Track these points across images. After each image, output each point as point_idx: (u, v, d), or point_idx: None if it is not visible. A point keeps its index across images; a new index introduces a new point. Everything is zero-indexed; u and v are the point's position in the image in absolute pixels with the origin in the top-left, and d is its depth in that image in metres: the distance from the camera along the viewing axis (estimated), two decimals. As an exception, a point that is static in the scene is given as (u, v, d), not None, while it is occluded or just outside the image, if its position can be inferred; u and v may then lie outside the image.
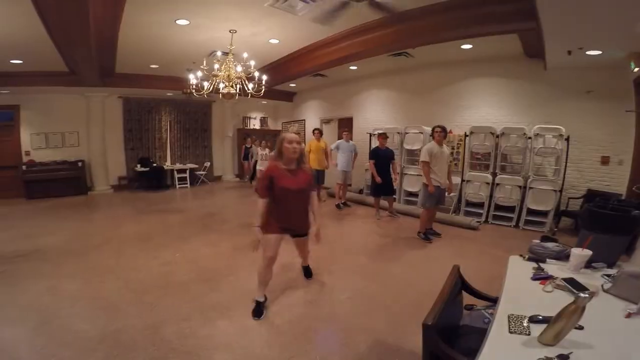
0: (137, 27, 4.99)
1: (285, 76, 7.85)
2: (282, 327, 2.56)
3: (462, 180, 6.17)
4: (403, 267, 3.81)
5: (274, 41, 6.05)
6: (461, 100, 6.76)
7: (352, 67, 7.54)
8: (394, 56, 6.48)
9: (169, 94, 9.64)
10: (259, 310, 2.71)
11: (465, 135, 6.27)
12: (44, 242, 4.55)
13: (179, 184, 9.92)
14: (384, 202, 6.18)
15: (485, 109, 6.46)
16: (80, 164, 8.77)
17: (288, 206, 2.69)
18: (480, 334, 1.31)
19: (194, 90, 5.50)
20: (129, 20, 4.65)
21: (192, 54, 6.38)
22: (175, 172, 9.94)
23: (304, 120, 11.15)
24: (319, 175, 7.10)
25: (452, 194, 5.92)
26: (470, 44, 5.57)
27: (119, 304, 2.86)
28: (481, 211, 5.80)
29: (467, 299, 1.85)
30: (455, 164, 6.56)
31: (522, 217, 5.43)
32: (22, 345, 2.27)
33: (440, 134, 4.58)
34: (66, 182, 8.45)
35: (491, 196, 5.74)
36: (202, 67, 5.13)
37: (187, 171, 10.08)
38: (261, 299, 2.79)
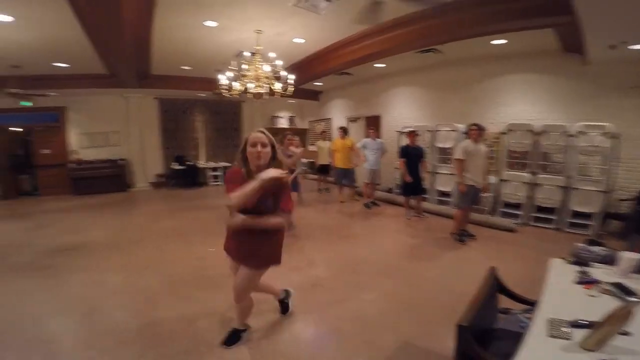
0: (168, 30, 5.18)
1: (310, 75, 7.86)
2: (308, 325, 2.58)
3: (499, 180, 5.92)
4: (434, 268, 3.71)
5: (299, 40, 6.07)
6: (495, 96, 6.46)
7: (378, 65, 7.42)
8: (421, 52, 6.30)
9: (201, 94, 9.97)
10: (230, 337, 2.32)
11: (502, 133, 6.00)
12: (90, 237, 4.86)
13: (212, 182, 10.26)
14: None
15: (521, 105, 6.14)
16: (121, 162, 9.30)
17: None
18: (515, 338, 1.28)
19: (224, 91, 5.65)
20: (161, 23, 4.85)
21: (221, 54, 6.55)
22: (208, 170, 10.29)
23: (330, 118, 11.14)
24: (347, 175, 7.12)
25: (487, 194, 5.70)
26: (502, 39, 5.31)
27: (157, 297, 3.00)
28: (519, 212, 5.53)
29: (503, 302, 1.78)
30: (491, 163, 6.30)
31: (565, 219, 5.12)
32: (66, 335, 2.42)
33: (476, 131, 4.41)
34: (109, 179, 8.99)
35: (530, 197, 5.46)
36: (230, 67, 5.26)
37: (220, 169, 10.39)
38: (238, 327, 2.37)
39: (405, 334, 2.45)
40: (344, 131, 7.05)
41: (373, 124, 8.35)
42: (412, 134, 5.77)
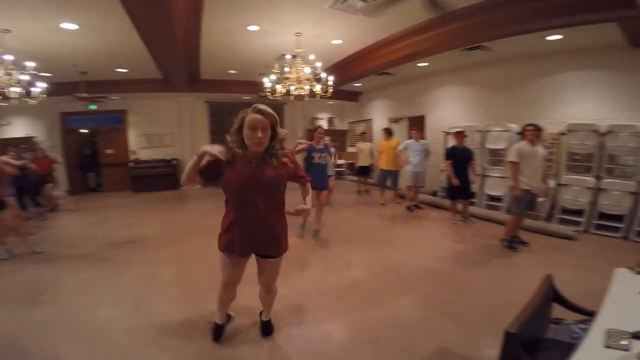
0: (214, 35, 5.42)
1: (349, 76, 7.81)
2: (343, 325, 2.55)
3: (558, 185, 5.44)
4: (480, 275, 3.49)
5: (337, 42, 6.07)
6: (553, 95, 5.93)
7: (421, 64, 7.18)
8: (467, 50, 5.99)
9: (246, 97, 10.34)
10: (216, 333, 2.28)
11: (561, 134, 5.52)
12: (145, 231, 5.24)
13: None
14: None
15: (583, 104, 5.57)
16: (174, 162, 9.94)
17: (242, 212, 1.92)
18: (565, 349, 1.22)
19: (268, 93, 5.80)
20: (208, 29, 5.09)
21: (263, 58, 6.74)
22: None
23: (371, 119, 10.98)
24: (391, 177, 6.99)
25: (543, 199, 5.28)
26: (559, 34, 4.89)
27: (203, 291, 3.12)
28: (580, 219, 5.04)
29: (556, 312, 1.65)
30: (549, 166, 5.82)
31: (634, 228, 4.58)
32: (116, 326, 2.58)
33: (533, 132, 4.09)
34: (163, 178, 9.66)
35: (593, 203, 4.96)
36: (273, 70, 5.38)
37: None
38: (220, 322, 2.30)
39: (443, 340, 2.33)
40: (389, 132, 6.97)
41: (417, 125, 8.09)
42: (460, 135, 5.49)
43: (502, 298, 2.87)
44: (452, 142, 5.88)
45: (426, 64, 7.18)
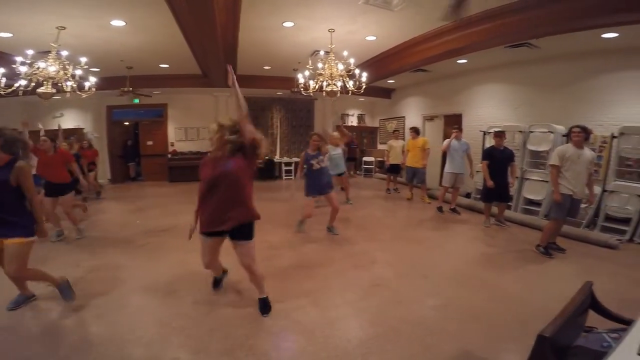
0: (251, 31, 5.55)
1: (383, 72, 7.70)
2: (365, 322, 2.55)
3: (603, 191, 5.08)
4: (512, 280, 3.34)
5: (371, 38, 6.00)
6: (604, 95, 5.49)
7: (460, 61, 6.93)
8: (512, 47, 5.69)
9: (278, 93, 10.50)
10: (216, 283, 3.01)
11: (612, 137, 5.12)
12: (179, 220, 5.46)
13: (285, 176, 10.76)
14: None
15: (638, 106, 5.13)
16: (209, 154, 10.32)
17: (207, 199, 2.42)
18: (593, 357, 1.20)
19: (302, 89, 5.85)
20: (245, 25, 5.22)
21: (297, 54, 6.81)
22: (283, 165, 10.81)
23: (404, 117, 10.75)
24: (415, 174, 7.04)
25: (586, 206, 4.95)
26: (614, 32, 4.53)
27: (228, 282, 3.23)
28: (625, 228, 4.68)
29: (591, 320, 1.58)
30: (596, 171, 5.44)
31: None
32: (147, 312, 2.71)
33: (580, 134, 3.83)
34: (197, 169, 10.03)
35: (644, 211, 4.58)
36: (308, 66, 5.42)
37: (293, 164, 10.84)
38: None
39: (468, 343, 2.26)
40: (416, 131, 7.20)
41: (454, 123, 7.82)
42: (498, 135, 5.23)
43: (532, 305, 2.75)
44: (490, 142, 5.63)
45: (464, 60, 6.92)
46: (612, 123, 5.30)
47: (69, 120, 9.87)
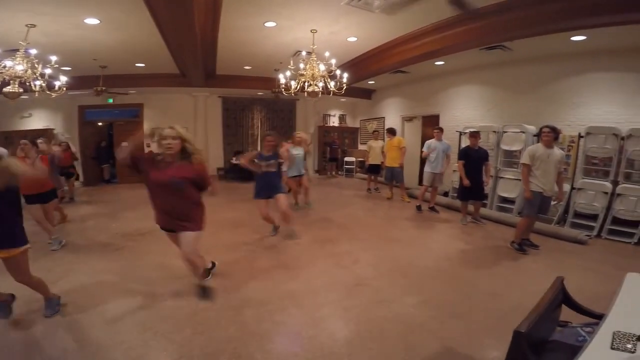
0: (232, 31, 5.48)
1: (364, 73, 7.79)
2: (349, 322, 2.58)
3: (572, 188, 5.33)
4: (488, 276, 3.47)
5: (352, 39, 6.06)
6: (573, 96, 5.78)
7: (438, 63, 7.10)
8: (487, 50, 5.89)
9: (259, 93, 10.41)
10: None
11: (580, 137, 5.39)
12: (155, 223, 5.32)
13: (266, 177, 10.66)
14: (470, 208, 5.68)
15: (605, 107, 5.40)
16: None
17: (157, 201, 2.65)
18: (570, 352, 1.25)
19: (282, 90, 5.82)
20: (226, 25, 5.15)
21: (279, 54, 6.78)
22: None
23: (384, 117, 10.92)
24: (395, 174, 7.20)
25: (555, 203, 5.19)
26: (583, 35, 4.77)
27: (211, 284, 3.18)
28: (593, 224, 4.94)
29: (564, 314, 1.65)
30: (565, 169, 5.70)
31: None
32: (127, 317, 2.62)
33: (549, 134, 4.01)
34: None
35: (609, 207, 4.85)
36: (289, 67, 5.41)
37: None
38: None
39: (449, 340, 2.33)
40: (392, 132, 7.46)
41: (432, 124, 8.02)
42: (473, 135, 5.40)
43: (509, 300, 2.86)
44: (466, 142, 5.80)
45: (442, 62, 7.10)
46: (580, 123, 5.57)
47: (38, 121, 9.42)
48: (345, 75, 5.52)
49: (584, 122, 5.50)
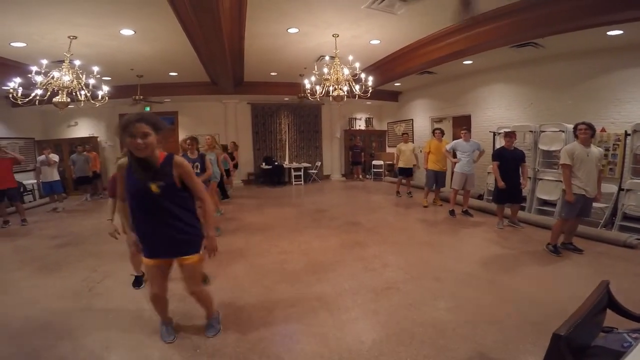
0: (257, 38, 5.63)
1: (389, 76, 7.70)
2: (377, 325, 2.53)
3: (620, 189, 4.96)
4: (527, 282, 3.27)
5: (375, 42, 6.03)
6: (617, 93, 5.40)
7: (466, 62, 6.89)
8: (517, 47, 5.65)
9: (285, 98, 10.59)
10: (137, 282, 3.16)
11: (626, 134, 5.02)
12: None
13: (294, 181, 10.79)
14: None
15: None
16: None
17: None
18: (613, 358, 1.17)
19: (308, 94, 5.89)
20: (250, 32, 5.31)
21: (303, 60, 6.89)
22: (292, 170, 10.85)
23: (412, 119, 10.72)
24: (437, 177, 6.80)
25: (603, 205, 4.85)
26: (619, 29, 4.49)
27: (244, 284, 3.27)
28: (645, 227, 4.56)
29: (609, 320, 1.54)
30: (611, 169, 5.32)
31: None
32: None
33: (587, 131, 3.76)
34: (208, 176, 10.16)
35: (663, 210, 4.47)
36: (313, 72, 5.46)
37: (302, 170, 10.87)
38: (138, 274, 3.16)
39: (482, 345, 2.22)
40: (442, 133, 6.79)
41: (463, 124, 7.76)
42: (509, 136, 5.15)
43: (549, 306, 2.69)
44: (501, 143, 5.56)
45: (470, 61, 6.89)
46: (625, 121, 5.21)
47: (83, 129, 10.12)
48: (370, 78, 5.49)
49: (631, 119, 5.13)
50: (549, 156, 5.88)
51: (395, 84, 9.69)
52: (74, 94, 5.04)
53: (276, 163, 10.80)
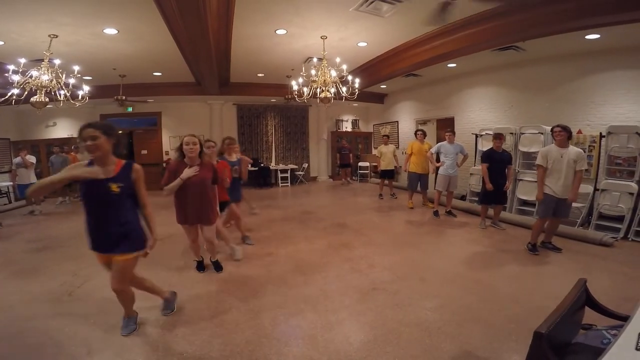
0: (244, 39, 5.59)
1: (375, 78, 7.78)
2: (365, 326, 2.55)
3: (595, 190, 5.16)
4: (509, 280, 3.37)
5: (362, 44, 6.09)
6: (592, 96, 5.62)
7: (450, 65, 7.04)
8: (499, 51, 5.81)
9: (272, 100, 10.55)
10: (200, 266, 3.65)
11: (601, 136, 5.23)
12: (175, 229, 5.41)
13: (281, 183, 10.75)
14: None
15: (626, 105, 5.24)
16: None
17: (185, 198, 3.15)
18: (594, 354, 1.21)
19: (295, 96, 5.89)
20: (238, 33, 5.27)
21: (290, 61, 6.88)
22: (279, 172, 10.81)
23: (397, 121, 10.86)
24: (421, 179, 6.86)
25: (580, 205, 5.02)
26: (597, 33, 4.68)
27: (230, 288, 3.23)
28: (619, 226, 4.75)
29: (588, 317, 1.59)
30: (587, 170, 5.52)
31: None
32: (143, 321, 2.72)
33: (561, 133, 3.91)
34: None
35: (635, 208, 4.66)
36: (301, 73, 5.47)
37: (289, 171, 10.84)
38: (199, 259, 3.64)
39: (467, 344, 2.27)
40: (424, 134, 6.95)
41: (447, 127, 7.92)
42: (498, 137, 5.21)
43: (530, 304, 2.78)
44: (483, 145, 5.69)
45: (454, 65, 7.04)
46: (600, 123, 5.42)
47: (61, 130, 9.82)
48: (357, 80, 5.54)
49: (605, 121, 5.34)
50: (529, 157, 6.05)
51: (382, 86, 9.80)
52: (52, 93, 4.89)
53: (262, 165, 10.74)
